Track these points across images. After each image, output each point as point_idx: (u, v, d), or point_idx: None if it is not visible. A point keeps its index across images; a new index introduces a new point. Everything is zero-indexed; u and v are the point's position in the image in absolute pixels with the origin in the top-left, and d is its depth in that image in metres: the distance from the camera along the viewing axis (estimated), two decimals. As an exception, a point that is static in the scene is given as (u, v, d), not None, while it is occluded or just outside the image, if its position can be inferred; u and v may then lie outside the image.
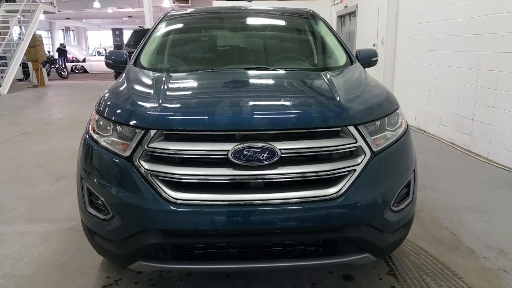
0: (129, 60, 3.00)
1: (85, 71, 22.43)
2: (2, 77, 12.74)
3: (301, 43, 3.48)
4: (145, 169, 1.83)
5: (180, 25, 3.58)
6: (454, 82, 5.53)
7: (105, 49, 23.31)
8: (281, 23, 3.71)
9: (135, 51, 3.09)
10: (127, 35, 22.83)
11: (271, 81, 2.57)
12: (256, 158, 1.78)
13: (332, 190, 1.82)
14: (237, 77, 2.67)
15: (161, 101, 2.02)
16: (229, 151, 1.78)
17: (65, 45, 25.72)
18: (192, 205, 1.78)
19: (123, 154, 1.89)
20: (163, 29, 3.39)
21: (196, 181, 1.82)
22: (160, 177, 1.82)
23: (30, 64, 15.08)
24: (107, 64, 3.09)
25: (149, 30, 3.50)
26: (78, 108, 9.41)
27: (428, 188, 3.85)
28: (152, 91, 2.27)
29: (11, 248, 2.78)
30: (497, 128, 4.66)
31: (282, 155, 1.80)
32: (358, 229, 1.88)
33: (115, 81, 2.65)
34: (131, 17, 29.08)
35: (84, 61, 22.98)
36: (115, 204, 1.90)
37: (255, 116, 1.86)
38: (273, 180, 1.83)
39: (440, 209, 3.38)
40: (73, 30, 35.66)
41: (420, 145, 5.24)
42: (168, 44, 3.26)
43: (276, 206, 1.79)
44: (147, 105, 2.01)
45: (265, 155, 1.78)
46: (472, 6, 5.09)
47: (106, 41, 34.99)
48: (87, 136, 2.11)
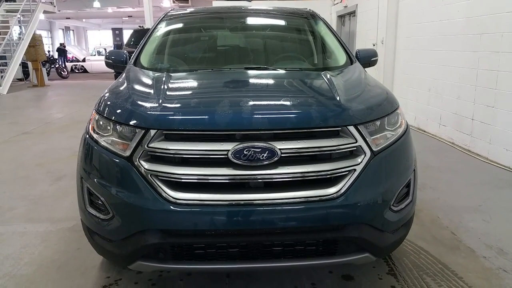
0: (129, 60, 3.00)
1: (85, 70, 22.43)
2: (2, 76, 12.73)
3: (301, 43, 3.48)
4: (145, 169, 1.83)
5: (180, 25, 3.58)
6: (454, 82, 5.53)
7: (105, 49, 23.31)
8: (281, 23, 3.71)
9: (135, 51, 3.09)
10: (127, 34, 22.84)
11: (271, 81, 2.57)
12: (256, 158, 1.78)
13: (332, 190, 1.83)
14: (237, 77, 2.67)
15: (161, 101, 2.02)
16: (229, 151, 1.78)
17: (65, 44, 25.74)
18: (192, 205, 1.78)
19: (123, 154, 1.89)
20: (163, 29, 3.39)
21: (196, 181, 1.82)
22: (160, 177, 1.82)
23: (30, 64, 15.07)
24: (107, 64, 3.09)
25: (149, 30, 3.50)
26: (78, 107, 9.41)
27: (428, 188, 3.85)
28: (152, 91, 2.27)
29: (11, 248, 2.78)
30: (497, 128, 4.66)
31: (282, 155, 1.80)
32: (358, 229, 1.88)
33: (115, 81, 2.65)
34: (131, 16, 29.08)
35: (84, 60, 22.98)
36: (115, 204, 1.90)
37: (255, 116, 1.86)
38: (273, 180, 1.83)
39: (440, 209, 3.38)
40: (73, 30, 35.66)
41: (420, 145, 5.24)
42: (168, 44, 3.26)
43: (276, 206, 1.79)
44: (147, 105, 2.01)
45: (265, 155, 1.78)
46: (472, 6, 5.09)
47: (106, 40, 34.99)
48: (87, 136, 2.11)
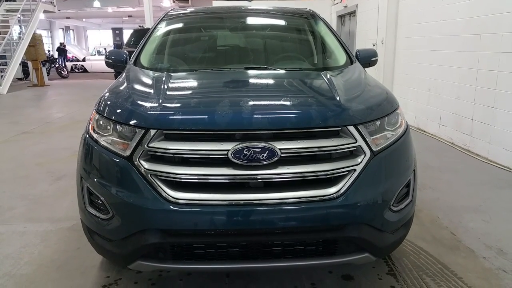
0: (129, 59, 3.00)
1: (85, 70, 22.43)
2: (2, 76, 12.73)
3: (301, 43, 3.48)
4: (145, 168, 1.83)
5: (180, 25, 3.58)
6: (454, 82, 5.53)
7: (105, 49, 23.29)
8: (281, 23, 3.71)
9: (135, 50, 3.09)
10: (127, 34, 22.85)
11: (271, 81, 2.57)
12: (256, 158, 1.78)
13: (332, 190, 1.83)
14: (237, 76, 2.67)
15: (161, 100, 2.02)
16: (229, 150, 1.78)
17: (65, 44, 25.71)
18: (192, 204, 1.78)
19: (123, 154, 1.89)
20: (163, 28, 3.39)
21: (196, 180, 1.82)
22: (160, 177, 1.82)
23: (30, 64, 15.06)
24: (107, 64, 3.09)
25: (149, 29, 3.50)
26: (78, 107, 9.41)
27: (427, 188, 3.85)
28: (152, 91, 2.27)
29: (10, 248, 2.78)
30: (497, 128, 4.66)
31: (282, 155, 1.80)
32: (358, 229, 1.88)
33: (115, 80, 2.65)
34: (131, 16, 29.06)
35: (84, 60, 22.98)
36: (115, 203, 1.90)
37: (255, 116, 1.86)
38: (273, 180, 1.83)
39: (439, 209, 3.38)
40: (73, 30, 35.64)
41: (420, 145, 5.24)
42: (168, 43, 3.26)
43: (276, 206, 1.79)
44: (147, 104, 2.01)
45: (265, 155, 1.78)
46: (472, 6, 5.10)
47: (106, 40, 34.97)
48: (87, 136, 2.11)
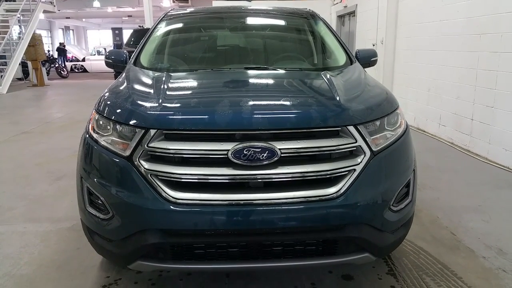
0: (129, 59, 3.00)
1: (84, 70, 22.43)
2: (1, 76, 12.72)
3: (301, 43, 3.48)
4: (145, 168, 1.83)
5: (180, 25, 3.58)
6: (454, 82, 5.53)
7: (104, 49, 23.29)
8: (281, 23, 3.71)
9: (135, 50, 3.09)
10: (126, 34, 22.85)
11: (271, 81, 2.57)
12: (256, 158, 1.78)
13: (332, 190, 1.83)
14: (237, 76, 2.67)
15: (161, 100, 2.02)
16: (229, 150, 1.78)
17: (64, 44, 25.71)
18: (192, 204, 1.78)
19: (123, 154, 1.89)
20: (163, 28, 3.39)
21: (196, 180, 1.82)
22: (160, 177, 1.82)
23: (29, 64, 15.06)
24: (107, 64, 3.09)
25: (149, 29, 3.50)
26: (78, 107, 9.41)
27: (427, 188, 3.85)
28: (152, 91, 2.27)
29: (10, 248, 2.78)
30: (497, 128, 4.66)
31: (282, 154, 1.80)
32: (358, 228, 1.88)
33: (115, 80, 2.66)
34: (131, 16, 29.06)
35: (83, 60, 22.99)
36: (115, 203, 1.90)
37: (255, 116, 1.86)
38: (273, 180, 1.83)
39: (439, 208, 3.38)
40: (72, 30, 35.63)
41: (420, 145, 5.24)
42: (168, 43, 3.26)
43: (276, 206, 1.79)
44: (147, 104, 2.01)
45: (265, 154, 1.78)
46: (472, 6, 5.10)
47: (106, 40, 34.97)
48: (87, 136, 2.11)
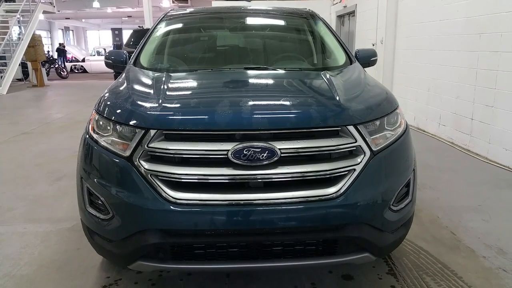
0: (129, 60, 3.00)
1: (84, 71, 22.41)
2: (1, 77, 12.72)
3: (300, 43, 3.48)
4: (145, 169, 1.83)
5: (179, 25, 3.59)
6: (454, 82, 5.53)
7: (104, 49, 23.29)
8: (281, 23, 3.71)
9: (135, 51, 3.09)
10: (126, 35, 22.81)
11: (270, 81, 2.57)
12: (256, 158, 1.78)
13: (332, 190, 1.83)
14: (236, 77, 2.67)
15: (161, 101, 2.02)
16: (229, 150, 1.78)
17: (64, 45, 25.70)
18: (192, 205, 1.78)
19: (123, 154, 1.89)
20: (162, 29, 3.39)
21: (196, 181, 1.82)
22: (160, 177, 1.82)
23: (29, 64, 15.06)
24: (106, 64, 3.09)
25: (148, 30, 3.50)
26: (78, 108, 9.41)
27: (427, 188, 3.85)
28: (152, 91, 2.27)
29: (10, 248, 2.78)
30: (497, 128, 4.66)
31: (282, 154, 1.80)
32: (358, 228, 1.88)
33: (115, 81, 2.66)
34: (131, 17, 29.05)
35: (83, 61, 22.96)
36: (115, 204, 1.90)
37: (255, 116, 1.86)
38: (273, 180, 1.83)
39: (439, 208, 3.38)
40: (72, 30, 35.63)
41: (420, 144, 5.24)
42: (168, 44, 3.27)
43: (276, 206, 1.79)
44: (147, 105, 2.02)
45: (265, 154, 1.78)
46: (471, 6, 5.10)
47: (106, 41, 34.97)
48: (87, 136, 2.11)
